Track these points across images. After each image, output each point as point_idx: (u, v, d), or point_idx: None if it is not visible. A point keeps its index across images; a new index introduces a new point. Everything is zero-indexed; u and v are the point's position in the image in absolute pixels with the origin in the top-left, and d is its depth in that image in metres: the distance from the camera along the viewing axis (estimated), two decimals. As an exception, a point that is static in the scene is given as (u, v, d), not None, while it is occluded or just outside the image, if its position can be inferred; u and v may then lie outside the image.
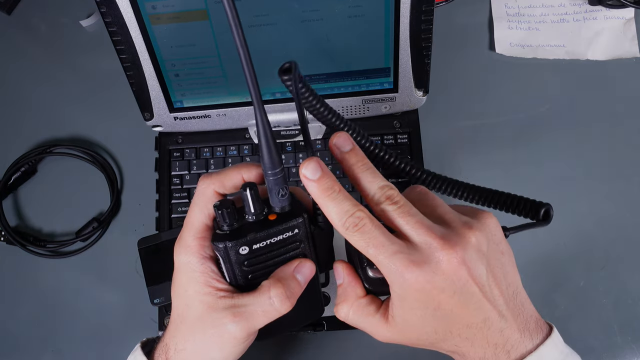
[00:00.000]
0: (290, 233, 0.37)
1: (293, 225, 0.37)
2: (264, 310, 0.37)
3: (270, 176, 0.36)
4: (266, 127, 0.35)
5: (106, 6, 0.51)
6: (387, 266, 0.34)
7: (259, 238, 0.37)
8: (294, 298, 0.38)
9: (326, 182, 0.35)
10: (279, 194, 0.37)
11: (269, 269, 0.39)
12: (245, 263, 0.38)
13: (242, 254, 0.37)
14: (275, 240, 0.37)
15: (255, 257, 0.38)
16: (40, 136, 0.69)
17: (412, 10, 0.53)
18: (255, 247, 0.37)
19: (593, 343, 0.60)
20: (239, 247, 0.37)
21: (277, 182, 0.36)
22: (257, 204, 0.37)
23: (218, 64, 0.57)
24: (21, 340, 0.63)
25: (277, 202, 0.37)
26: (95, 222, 0.65)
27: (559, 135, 0.67)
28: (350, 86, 0.60)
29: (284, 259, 0.39)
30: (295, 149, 0.64)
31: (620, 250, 0.62)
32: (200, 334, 0.38)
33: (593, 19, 0.71)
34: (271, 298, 0.37)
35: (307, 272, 0.39)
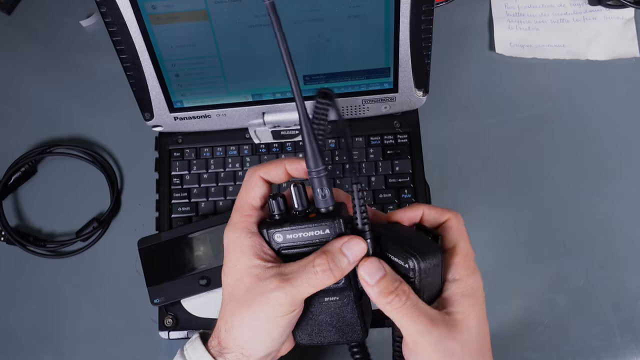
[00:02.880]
0: (322, 232, 0.38)
1: (325, 225, 0.38)
2: (307, 278, 0.38)
3: (313, 174, 0.38)
4: (309, 126, 0.37)
5: (106, 6, 0.51)
6: None
7: (291, 229, 0.38)
8: (339, 272, 0.38)
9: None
10: (320, 194, 0.38)
11: None
12: (282, 253, 0.39)
13: (277, 241, 0.39)
14: (307, 235, 0.38)
15: (290, 248, 0.39)
16: (40, 136, 0.69)
17: (412, 10, 0.53)
18: (288, 237, 0.39)
19: (593, 343, 0.60)
20: (274, 234, 0.39)
21: (319, 182, 0.38)
22: (300, 200, 0.39)
23: (218, 64, 0.57)
24: (21, 340, 0.63)
25: (319, 201, 0.38)
26: (95, 222, 0.65)
27: (559, 135, 0.67)
28: (350, 86, 0.60)
29: None
30: (295, 149, 0.64)
31: (620, 250, 0.62)
32: (247, 306, 0.39)
33: (593, 19, 0.71)
34: (315, 267, 0.38)
35: (356, 248, 0.38)
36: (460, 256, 0.40)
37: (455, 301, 0.38)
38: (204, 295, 0.60)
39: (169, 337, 0.59)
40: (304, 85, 0.59)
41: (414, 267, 0.38)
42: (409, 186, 0.63)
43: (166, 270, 0.60)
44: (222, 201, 0.63)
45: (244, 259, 0.39)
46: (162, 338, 0.60)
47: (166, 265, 0.60)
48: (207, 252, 0.60)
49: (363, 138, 0.64)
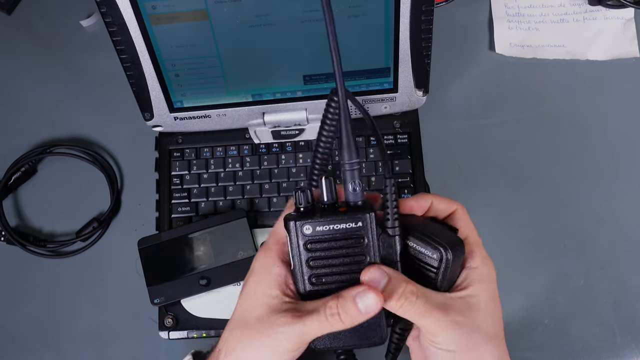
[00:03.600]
0: (354, 224, 0.38)
1: (357, 217, 0.37)
2: (319, 320, 0.37)
3: (346, 167, 0.38)
4: (347, 117, 0.37)
5: (106, 6, 0.51)
6: None
7: (322, 221, 0.38)
8: (348, 320, 0.37)
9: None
10: (351, 187, 0.38)
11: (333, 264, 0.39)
12: (308, 245, 0.38)
13: (305, 233, 0.38)
14: (338, 228, 0.38)
15: (317, 242, 0.38)
16: (40, 136, 0.69)
17: (412, 10, 0.53)
18: (318, 229, 0.38)
19: (593, 343, 0.60)
20: (304, 225, 0.38)
21: (352, 175, 0.38)
22: (330, 193, 0.38)
23: (218, 64, 0.57)
24: (21, 340, 0.63)
25: (349, 194, 0.38)
26: (95, 222, 0.65)
27: (558, 135, 0.67)
28: (350, 86, 0.60)
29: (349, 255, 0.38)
30: (295, 149, 0.64)
31: (620, 250, 0.62)
32: (254, 335, 0.38)
33: (593, 19, 0.71)
34: (325, 315, 0.37)
35: (370, 301, 0.37)
36: (473, 246, 0.40)
37: (469, 286, 0.39)
38: (204, 295, 0.60)
39: (169, 337, 0.59)
40: (304, 85, 0.60)
41: (441, 258, 0.38)
42: (409, 186, 0.63)
43: (166, 270, 0.60)
44: (222, 201, 0.63)
45: (265, 286, 0.39)
46: (162, 338, 0.60)
47: (166, 265, 0.60)
48: (207, 252, 0.60)
49: (363, 138, 0.64)
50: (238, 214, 0.61)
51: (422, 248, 0.39)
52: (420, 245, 0.39)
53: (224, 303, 0.60)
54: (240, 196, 0.63)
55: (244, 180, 0.64)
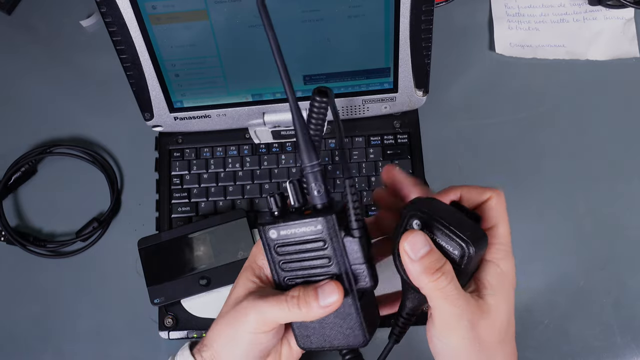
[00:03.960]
0: (314, 228, 0.37)
1: (316, 221, 0.37)
2: (278, 302, 0.38)
3: (307, 169, 0.37)
4: (301, 120, 0.37)
5: (106, 6, 0.51)
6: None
7: (284, 226, 0.38)
8: (306, 308, 0.38)
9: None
10: (314, 189, 0.37)
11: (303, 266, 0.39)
12: (276, 249, 0.39)
13: (272, 237, 0.39)
14: (300, 231, 0.38)
15: (284, 246, 0.39)
16: (40, 136, 0.69)
17: (412, 10, 0.53)
18: (282, 233, 0.38)
19: (593, 343, 0.60)
20: (269, 230, 0.38)
21: (314, 177, 0.37)
22: (296, 197, 0.38)
23: (218, 64, 0.57)
24: (21, 340, 0.63)
25: (314, 197, 0.38)
26: (95, 222, 0.65)
27: (558, 135, 0.67)
28: (350, 86, 0.60)
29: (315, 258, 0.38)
30: (295, 149, 0.64)
31: (620, 250, 0.62)
32: (227, 311, 0.41)
33: (593, 19, 0.71)
34: (286, 297, 0.38)
35: (328, 291, 0.38)
36: (499, 238, 0.38)
37: (488, 284, 0.37)
38: (204, 295, 0.60)
39: (169, 337, 0.59)
40: (304, 85, 0.60)
41: (464, 254, 0.36)
42: (409, 186, 0.63)
43: (166, 270, 0.60)
44: (222, 201, 0.63)
45: (249, 272, 0.42)
46: (162, 338, 0.60)
47: (166, 265, 0.60)
48: (207, 252, 0.60)
49: (363, 138, 0.64)
50: (238, 214, 0.61)
51: (443, 242, 0.37)
52: (441, 239, 0.37)
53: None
54: (240, 196, 0.63)
55: (244, 180, 0.64)
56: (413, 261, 0.35)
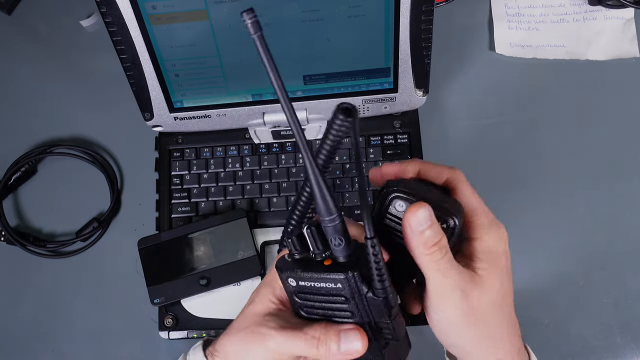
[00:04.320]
0: (334, 285, 0.36)
1: (336, 278, 0.35)
2: (297, 340, 0.38)
3: (326, 223, 0.35)
4: (318, 175, 0.34)
5: (106, 6, 0.51)
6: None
7: (303, 277, 0.36)
8: (327, 353, 0.37)
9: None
10: (333, 242, 0.35)
11: (324, 314, 0.38)
12: (295, 293, 0.38)
13: (291, 284, 0.37)
14: (319, 286, 0.36)
15: (303, 293, 0.37)
16: (40, 136, 0.69)
17: (412, 10, 0.53)
18: (301, 284, 0.37)
19: (593, 343, 0.60)
20: (288, 277, 0.37)
21: (333, 230, 0.35)
22: (315, 244, 0.36)
23: (218, 64, 0.57)
24: (21, 340, 0.63)
25: (334, 250, 0.36)
26: (95, 222, 0.65)
27: (558, 135, 0.67)
28: (350, 86, 0.60)
29: (336, 310, 0.37)
30: (295, 149, 0.64)
31: (620, 250, 0.62)
32: (245, 326, 0.40)
33: (593, 19, 0.71)
34: (306, 335, 0.38)
35: (351, 340, 0.37)
36: (473, 214, 0.38)
37: (477, 258, 0.38)
38: (204, 295, 0.60)
39: (169, 337, 0.59)
40: (304, 85, 0.60)
41: (454, 226, 0.36)
42: (409, 186, 0.63)
43: (166, 270, 0.60)
44: (222, 201, 0.63)
45: (269, 290, 0.41)
46: (162, 338, 0.60)
47: (166, 265, 0.60)
48: (207, 252, 0.60)
49: (363, 138, 0.64)
50: (238, 214, 0.61)
51: None
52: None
53: (224, 303, 0.60)
54: (240, 196, 0.63)
55: (244, 180, 0.64)
56: (416, 233, 0.36)
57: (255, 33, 0.32)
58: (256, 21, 0.32)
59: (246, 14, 0.31)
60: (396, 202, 0.37)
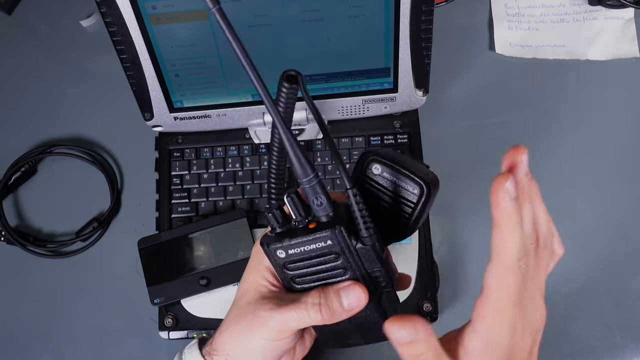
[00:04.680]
0: (323, 243, 0.36)
1: (324, 236, 0.36)
2: (298, 310, 0.38)
3: (304, 184, 0.36)
4: (290, 136, 0.35)
5: (106, 6, 0.51)
6: None
7: (291, 245, 0.37)
8: (329, 312, 0.38)
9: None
10: (315, 203, 0.36)
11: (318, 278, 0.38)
12: (286, 266, 0.38)
13: (280, 257, 0.37)
14: (309, 248, 0.37)
15: (294, 263, 0.38)
16: (40, 136, 0.69)
17: (412, 10, 0.53)
18: (290, 252, 0.37)
19: (593, 343, 0.60)
20: (276, 250, 0.37)
21: (312, 190, 0.36)
22: (297, 210, 0.37)
23: (218, 64, 0.57)
24: (21, 340, 0.63)
25: (316, 210, 0.36)
26: (95, 222, 0.65)
27: (558, 135, 0.67)
28: (350, 86, 0.60)
29: (329, 270, 0.38)
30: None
31: (620, 250, 0.62)
32: (242, 317, 0.40)
33: (593, 19, 0.71)
34: (306, 304, 0.38)
35: (353, 295, 0.37)
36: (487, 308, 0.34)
37: (472, 353, 0.35)
38: (204, 295, 0.60)
39: (169, 337, 0.59)
40: (304, 85, 0.59)
41: (422, 193, 0.38)
42: (409, 186, 0.63)
43: (166, 270, 0.60)
44: (222, 201, 0.63)
45: (257, 275, 0.41)
46: (162, 338, 0.60)
47: (166, 265, 0.60)
48: (207, 252, 0.60)
49: (363, 138, 0.64)
50: (238, 214, 0.61)
51: (402, 183, 0.38)
52: (401, 180, 0.38)
53: (224, 303, 0.59)
54: (240, 196, 0.63)
55: (244, 180, 0.64)
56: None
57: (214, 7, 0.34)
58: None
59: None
60: (372, 166, 0.38)
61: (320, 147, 0.64)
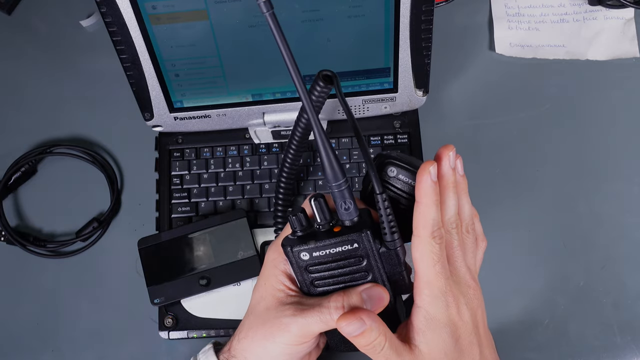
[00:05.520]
0: (350, 247, 0.37)
1: (351, 239, 0.37)
2: (321, 314, 0.38)
3: (333, 188, 0.37)
4: (324, 140, 0.36)
5: (106, 6, 0.51)
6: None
7: (317, 247, 0.37)
8: None
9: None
10: (342, 207, 0.37)
11: (339, 281, 0.39)
12: (308, 269, 0.39)
13: (303, 259, 0.38)
14: (334, 251, 0.37)
15: (317, 265, 0.38)
16: (40, 136, 0.69)
17: (412, 10, 0.53)
18: (315, 255, 0.38)
19: (593, 343, 0.60)
20: (300, 252, 0.38)
21: (341, 195, 0.37)
22: (322, 214, 0.38)
23: (218, 64, 0.57)
24: (21, 340, 0.63)
25: (342, 214, 0.37)
26: (95, 222, 0.65)
27: (558, 135, 0.67)
28: (350, 86, 0.60)
29: (351, 273, 0.39)
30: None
31: (620, 250, 0.62)
32: (262, 324, 0.40)
33: (593, 19, 0.71)
34: (329, 308, 0.38)
35: (375, 296, 0.38)
36: (419, 282, 0.38)
37: (419, 330, 0.38)
38: (204, 295, 0.60)
39: (169, 337, 0.59)
40: (304, 85, 0.59)
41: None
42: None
43: (166, 270, 0.60)
44: (222, 201, 0.63)
45: (273, 280, 0.41)
46: (162, 338, 0.60)
47: (166, 265, 0.60)
48: (207, 252, 0.60)
49: (363, 138, 0.64)
50: (238, 214, 0.61)
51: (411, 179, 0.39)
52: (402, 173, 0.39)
53: (224, 303, 0.60)
54: (240, 196, 0.63)
55: (244, 180, 0.64)
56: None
57: (267, 11, 0.35)
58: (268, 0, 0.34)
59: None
60: (388, 168, 0.40)
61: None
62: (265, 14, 0.34)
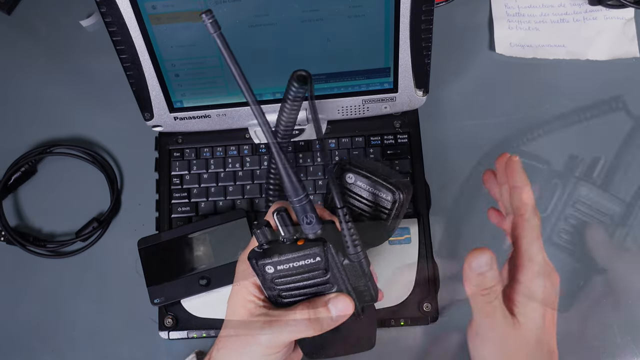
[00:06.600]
0: (312, 260, 0.38)
1: (312, 253, 0.37)
2: (287, 325, 0.39)
3: (295, 203, 0.38)
4: (283, 158, 0.37)
5: (106, 6, 0.51)
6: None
7: (281, 261, 0.38)
8: (318, 325, 0.39)
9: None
10: (305, 221, 0.38)
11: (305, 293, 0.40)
12: (275, 281, 0.39)
13: (269, 272, 0.39)
14: (298, 265, 0.38)
15: (282, 278, 0.39)
16: (40, 136, 0.69)
17: (412, 10, 0.53)
18: (280, 268, 0.38)
19: (593, 343, 0.60)
20: (265, 265, 0.38)
21: (302, 209, 0.38)
22: (286, 228, 0.39)
23: (218, 64, 0.57)
24: (21, 340, 0.63)
25: (305, 228, 0.38)
26: (95, 222, 0.65)
27: (558, 135, 0.67)
28: (350, 86, 0.60)
29: (316, 285, 0.39)
30: (295, 149, 0.64)
31: (620, 250, 0.62)
32: (236, 337, 0.41)
33: (593, 19, 0.71)
34: (296, 318, 0.39)
35: (341, 305, 0.39)
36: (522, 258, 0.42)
37: (518, 302, 0.41)
38: (204, 295, 0.60)
39: (169, 337, 0.59)
40: (304, 85, 0.59)
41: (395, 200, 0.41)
42: (409, 186, 0.63)
43: (166, 270, 0.60)
44: (222, 201, 0.63)
45: (244, 292, 0.42)
46: (162, 338, 0.60)
47: (166, 265, 0.60)
48: (207, 252, 0.60)
49: (363, 138, 0.64)
50: (238, 214, 0.61)
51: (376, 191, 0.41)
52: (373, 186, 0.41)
53: (224, 303, 0.59)
54: (240, 196, 0.63)
55: (244, 180, 0.64)
56: (472, 273, 0.39)
57: (214, 32, 0.36)
58: (215, 21, 0.36)
59: (205, 15, 0.35)
60: (346, 175, 0.42)
61: (320, 147, 0.64)
62: (213, 35, 0.36)
